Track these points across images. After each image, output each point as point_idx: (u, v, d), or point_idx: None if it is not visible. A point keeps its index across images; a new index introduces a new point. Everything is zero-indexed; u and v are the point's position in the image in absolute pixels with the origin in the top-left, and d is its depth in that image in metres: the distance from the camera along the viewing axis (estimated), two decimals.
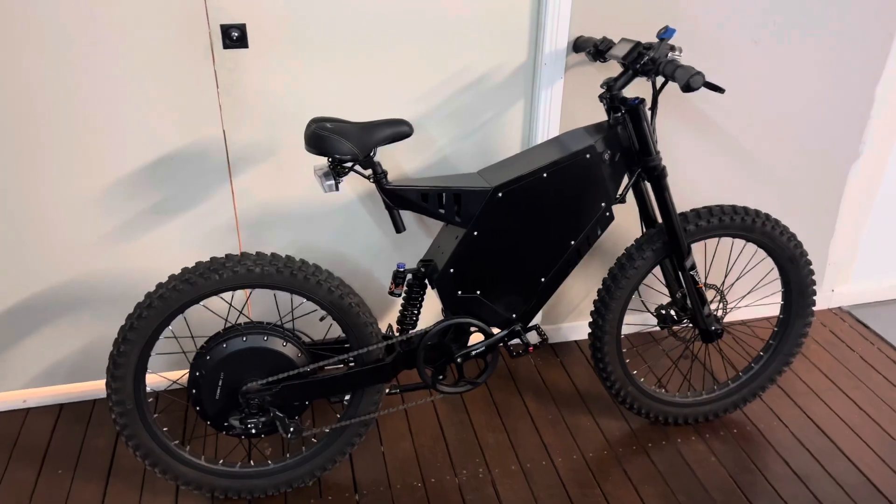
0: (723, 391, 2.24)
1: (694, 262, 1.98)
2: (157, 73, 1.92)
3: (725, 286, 2.54)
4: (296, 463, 1.96)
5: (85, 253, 2.10)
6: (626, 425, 2.24)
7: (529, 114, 2.22)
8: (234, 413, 1.81)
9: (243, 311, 2.24)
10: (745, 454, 2.14)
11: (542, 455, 2.12)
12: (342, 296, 1.80)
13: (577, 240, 1.88)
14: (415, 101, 2.12)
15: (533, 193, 1.79)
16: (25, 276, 2.09)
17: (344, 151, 1.64)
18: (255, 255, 1.76)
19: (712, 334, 2.07)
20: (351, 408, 1.95)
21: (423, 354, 1.89)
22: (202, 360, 1.77)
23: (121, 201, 2.05)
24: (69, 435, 2.17)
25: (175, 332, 2.20)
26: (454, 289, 1.86)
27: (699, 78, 1.54)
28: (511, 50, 2.12)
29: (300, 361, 1.83)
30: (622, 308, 2.02)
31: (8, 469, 2.04)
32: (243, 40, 1.93)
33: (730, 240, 2.55)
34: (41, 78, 1.86)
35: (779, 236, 2.03)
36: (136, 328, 1.71)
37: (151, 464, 1.85)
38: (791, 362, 2.22)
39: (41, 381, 2.26)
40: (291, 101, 2.04)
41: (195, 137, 2.02)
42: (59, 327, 2.19)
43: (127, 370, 1.74)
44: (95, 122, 1.94)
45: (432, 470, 2.06)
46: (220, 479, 1.92)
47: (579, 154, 1.78)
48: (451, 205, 1.77)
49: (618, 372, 2.10)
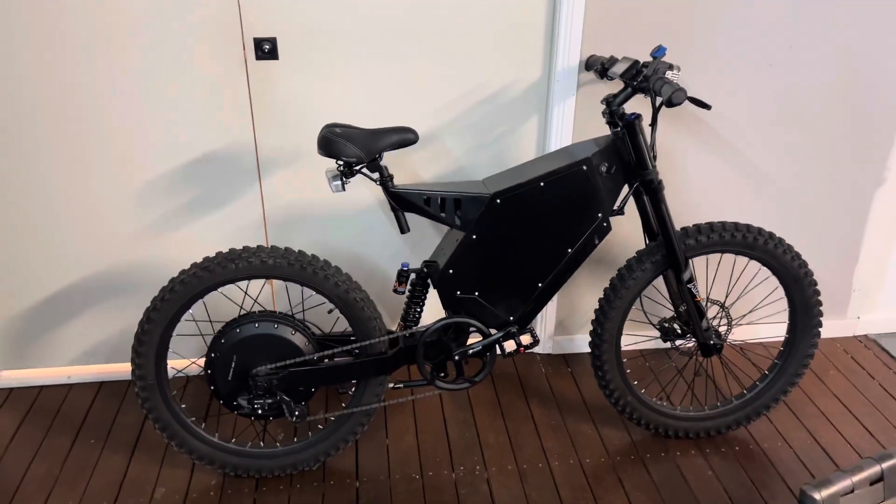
0: (726, 408, 2.25)
1: (693, 275, 2.02)
2: (196, 81, 2.11)
3: (729, 303, 2.55)
4: (302, 447, 2.09)
5: (125, 243, 2.30)
6: (627, 436, 2.28)
7: (543, 128, 2.31)
8: (244, 394, 1.95)
9: (260, 300, 2.40)
10: (743, 471, 2.15)
11: (539, 457, 2.18)
12: (348, 290, 1.93)
13: (574, 248, 1.95)
14: (433, 114, 2.25)
15: (530, 201, 1.88)
16: (72, 262, 2.30)
17: (349, 154, 1.77)
18: (269, 248, 1.91)
19: (711, 348, 2.10)
20: (355, 397, 2.06)
21: (422, 350, 2.00)
22: (218, 344, 1.92)
23: (158, 198, 2.25)
24: (104, 410, 2.36)
25: (196, 316, 2.37)
26: (453, 289, 1.96)
27: (681, 94, 1.61)
28: (526, 67, 2.22)
29: (307, 350, 1.96)
30: (621, 318, 2.08)
31: (47, 437, 2.24)
32: (274, 53, 2.10)
33: (734, 257, 2.55)
34: (95, 83, 2.07)
35: (782, 255, 2.05)
36: (158, 309, 1.88)
37: (168, 436, 2.01)
38: (797, 382, 2.22)
39: (84, 359, 2.47)
40: (317, 110, 2.19)
41: (229, 141, 2.20)
42: (101, 311, 2.39)
43: (150, 348, 1.91)
44: (139, 123, 2.14)
45: (431, 464, 2.16)
46: (231, 456, 2.06)
47: (575, 165, 1.87)
48: (452, 209, 1.88)
49: (617, 381, 2.15)
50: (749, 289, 2.61)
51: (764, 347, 2.72)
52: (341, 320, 2.48)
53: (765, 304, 2.67)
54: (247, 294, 2.27)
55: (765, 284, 2.62)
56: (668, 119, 2.32)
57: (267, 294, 2.43)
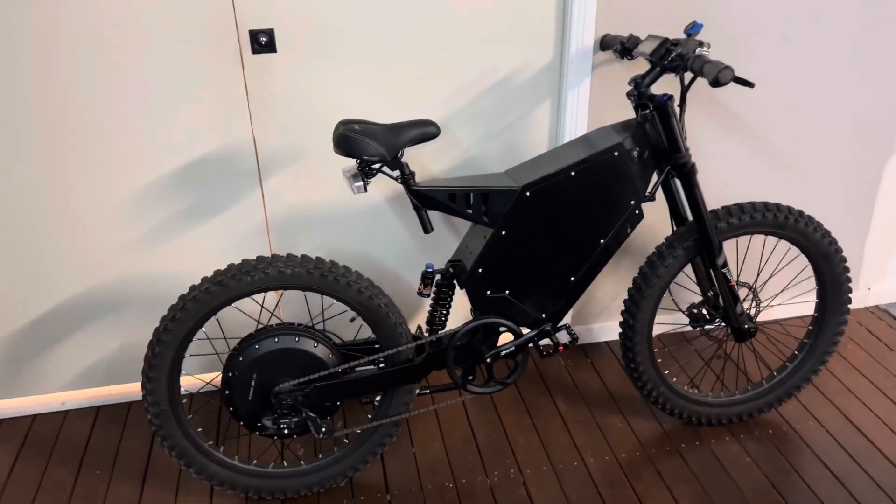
0: (757, 391, 2.21)
1: (726, 259, 1.95)
2: (187, 78, 1.95)
3: (758, 284, 2.50)
4: (327, 463, 1.98)
5: (118, 256, 2.14)
6: (658, 426, 2.22)
7: (556, 113, 2.21)
8: (267, 414, 1.83)
9: (274, 312, 2.27)
10: (780, 454, 2.11)
11: (573, 455, 2.11)
12: (371, 297, 1.81)
13: (607, 238, 1.87)
14: (441, 103, 2.13)
15: (561, 192, 1.79)
16: (60, 280, 2.13)
17: (372, 153, 1.65)
18: (285, 256, 1.78)
19: (745, 333, 2.04)
20: (382, 408, 1.95)
21: (452, 355, 1.90)
22: (235, 361, 1.79)
23: (152, 205, 2.09)
24: (106, 436, 2.21)
25: (208, 333, 2.23)
26: (483, 289, 1.86)
27: (728, 72, 1.52)
28: (537, 49, 2.12)
29: (331, 362, 1.84)
30: (653, 307, 2.01)
31: (48, 469, 2.09)
32: (271, 45, 1.96)
33: (762, 237, 2.51)
34: (71, 82, 1.90)
35: (812, 233, 2.00)
36: (169, 330, 1.74)
37: (186, 464, 1.87)
38: (827, 361, 2.18)
39: (78, 383, 2.31)
40: (319, 105, 2.06)
41: (226, 141, 2.05)
42: (95, 330, 2.23)
43: (161, 372, 1.77)
44: (126, 126, 1.98)
45: (463, 471, 2.06)
46: (253, 479, 1.94)
47: (607, 152, 1.77)
48: (479, 205, 1.77)
49: (650, 372, 2.08)
50: (779, 269, 2.56)
51: (782, 326, 2.68)
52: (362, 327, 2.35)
53: (795, 284, 2.63)
54: (263, 307, 2.13)
55: (783, 261, 2.58)
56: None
57: (270, 304, 2.29)
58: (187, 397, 2.35)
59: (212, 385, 2.35)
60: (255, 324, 2.23)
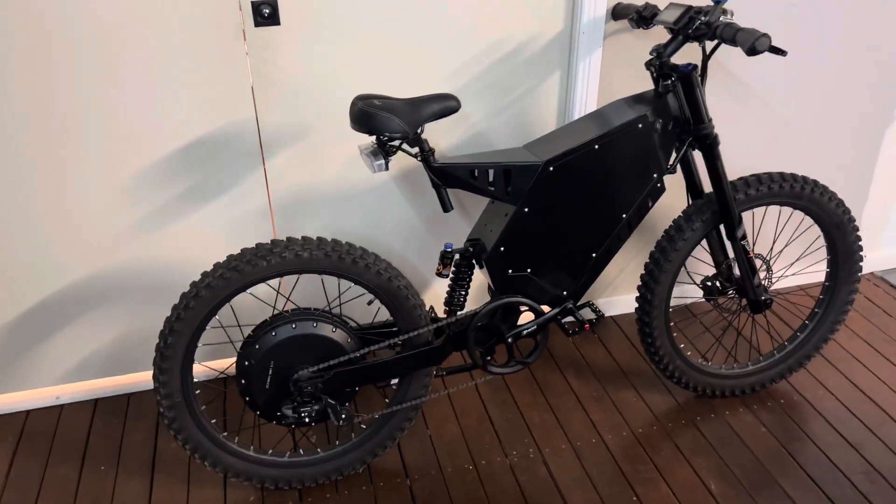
0: (768, 361, 2.21)
1: (745, 231, 1.94)
2: (186, 53, 1.85)
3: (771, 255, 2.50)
4: (345, 450, 1.93)
5: (115, 243, 2.04)
6: (671, 399, 2.21)
7: (566, 85, 2.16)
8: (287, 402, 1.76)
9: (290, 297, 2.19)
10: (794, 423, 2.12)
11: (590, 432, 2.09)
12: (390, 278, 1.75)
13: (629, 212, 1.83)
14: (449, 76, 2.06)
15: (584, 167, 1.74)
16: (53, 269, 2.03)
17: (394, 129, 1.58)
18: (301, 239, 1.71)
19: (762, 304, 2.04)
20: (400, 392, 1.91)
21: (473, 335, 1.85)
22: (251, 350, 1.72)
23: (150, 188, 1.99)
24: (107, 430, 2.13)
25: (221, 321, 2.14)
26: (505, 268, 1.81)
27: (765, 40, 1.49)
28: (547, 19, 2.06)
29: (350, 347, 1.78)
30: (671, 281, 1.99)
31: (48, 467, 2.00)
32: (275, 17, 1.86)
33: (775, 208, 2.50)
34: (66, 61, 1.78)
35: (827, 203, 1.99)
36: (182, 319, 1.66)
37: (201, 456, 1.80)
38: (837, 330, 2.20)
39: (74, 376, 2.21)
40: (324, 80, 1.97)
41: (227, 120, 1.96)
42: (91, 320, 2.13)
43: (174, 362, 1.69)
44: (122, 106, 1.87)
45: (482, 451, 2.03)
46: (270, 469, 1.88)
47: (632, 124, 1.73)
48: (501, 181, 1.72)
49: (666, 347, 2.07)
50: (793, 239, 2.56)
51: (786, 299, 2.70)
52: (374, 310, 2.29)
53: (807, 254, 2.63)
54: (279, 292, 2.04)
55: (796, 232, 2.58)
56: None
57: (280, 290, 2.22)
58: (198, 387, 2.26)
59: (221, 373, 2.27)
60: (271, 309, 2.15)
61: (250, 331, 1.77)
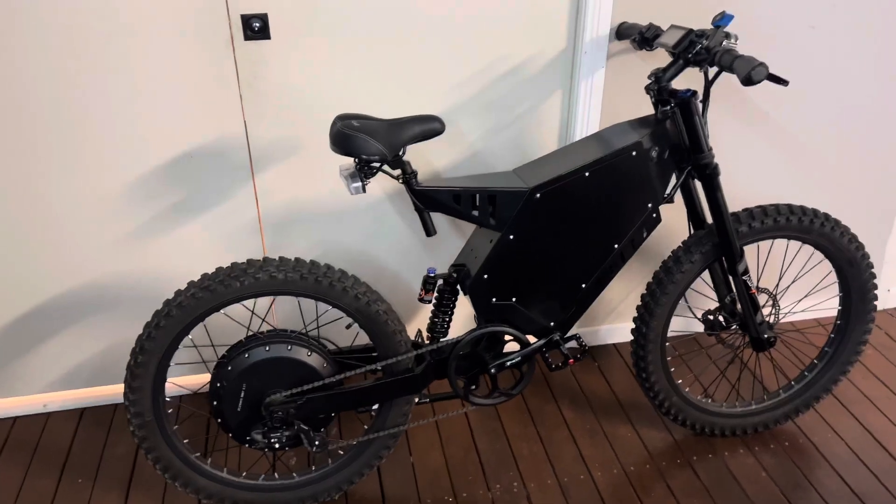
0: (773, 401, 2.10)
1: (747, 266, 1.84)
2: (175, 66, 1.82)
3: (778, 290, 2.38)
4: (321, 476, 1.87)
5: (104, 254, 2.02)
6: (669, 436, 2.12)
7: (568, 106, 2.08)
8: (257, 426, 1.72)
9: (266, 318, 2.15)
10: (797, 469, 2.00)
11: (580, 468, 2.01)
12: (369, 303, 1.70)
13: (622, 243, 1.75)
14: (445, 94, 2.00)
15: (574, 194, 1.66)
16: (43, 278, 2.02)
17: (371, 152, 1.52)
18: (277, 260, 1.66)
19: (764, 342, 1.93)
20: (379, 419, 1.85)
21: (454, 364, 1.79)
22: (223, 371, 1.68)
23: (138, 201, 1.97)
24: (90, 441, 2.11)
25: (196, 340, 2.11)
26: (489, 296, 1.74)
27: (762, 70, 1.40)
28: (549, 37, 1.98)
29: (326, 372, 1.73)
30: (668, 314, 1.89)
31: (28, 475, 1.99)
32: (265, 31, 1.82)
33: (783, 241, 2.39)
34: (56, 72, 1.77)
35: (838, 238, 1.88)
36: (153, 338, 1.62)
37: (172, 477, 1.77)
38: (849, 371, 2.08)
39: (62, 384, 2.20)
40: (316, 95, 1.93)
41: (216, 134, 1.93)
42: (79, 330, 2.12)
43: (145, 381, 1.66)
44: (112, 117, 1.85)
45: (464, 483, 1.96)
46: (243, 492, 1.84)
47: (625, 151, 1.65)
48: (486, 207, 1.65)
49: (662, 382, 1.97)
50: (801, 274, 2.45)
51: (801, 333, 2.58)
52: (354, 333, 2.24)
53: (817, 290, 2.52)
54: (254, 313, 2.01)
55: (805, 266, 2.46)
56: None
57: (262, 308, 2.18)
58: (173, 405, 2.24)
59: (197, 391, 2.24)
60: (245, 330, 2.12)
61: (224, 351, 1.73)
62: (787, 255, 2.41)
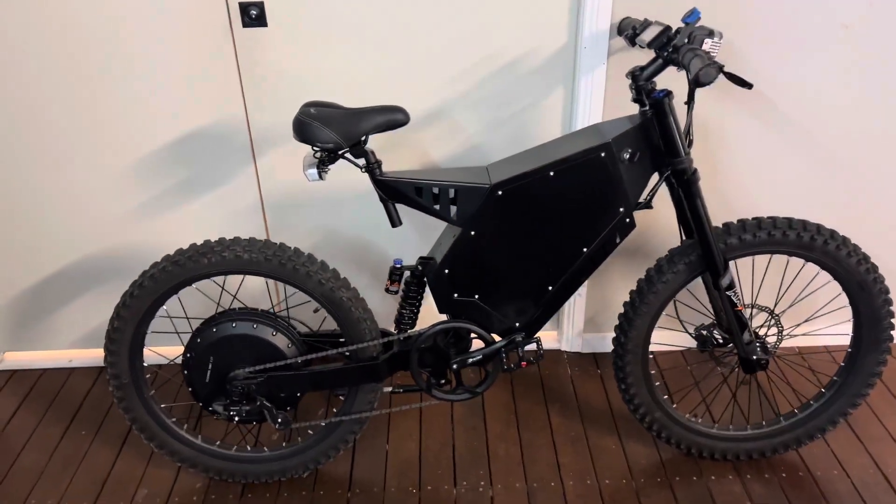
0: (773, 428, 1.96)
1: (732, 280, 1.72)
2: (178, 52, 1.91)
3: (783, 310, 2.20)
4: (290, 453, 1.93)
5: (118, 225, 2.16)
6: (655, 454, 2.02)
7: (569, 101, 2.02)
8: (220, 398, 1.79)
9: (236, 296, 2.22)
10: (788, 503, 1.86)
11: (552, 475, 1.96)
12: (333, 289, 1.72)
13: (591, 247, 1.68)
14: (444, 85, 1.99)
15: (537, 194, 1.62)
16: (64, 246, 2.19)
17: (324, 139, 1.54)
18: (246, 240, 1.72)
19: (754, 364, 1.80)
20: (346, 404, 1.88)
21: (416, 357, 1.78)
22: (194, 342, 1.76)
23: (149, 177, 2.09)
24: (101, 398, 2.27)
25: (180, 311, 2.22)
26: (450, 291, 1.72)
27: (711, 71, 1.29)
28: (549, 31, 1.93)
29: (290, 352, 1.77)
30: (648, 325, 1.80)
31: (40, 424, 2.16)
32: (262, 18, 1.88)
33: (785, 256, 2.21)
34: (66, 57, 1.90)
35: (845, 258, 1.72)
36: (128, 305, 1.73)
37: (148, 437, 1.88)
38: (859, 404, 1.90)
39: (85, 343, 2.38)
40: (312, 81, 1.97)
41: (218, 117, 2.01)
42: (99, 294, 2.28)
43: (122, 345, 1.77)
44: (120, 99, 1.97)
45: (432, 477, 1.96)
46: (215, 460, 1.92)
47: (592, 152, 1.58)
48: (447, 201, 1.63)
49: (642, 395, 1.88)
50: (806, 292, 2.26)
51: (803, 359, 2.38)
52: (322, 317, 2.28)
53: (823, 313, 2.32)
54: (224, 289, 2.09)
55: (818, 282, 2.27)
56: (716, 93, 1.99)
57: (261, 287, 2.26)
58: (152, 372, 2.35)
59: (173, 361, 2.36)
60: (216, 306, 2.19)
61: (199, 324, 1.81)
62: (788, 273, 2.22)
